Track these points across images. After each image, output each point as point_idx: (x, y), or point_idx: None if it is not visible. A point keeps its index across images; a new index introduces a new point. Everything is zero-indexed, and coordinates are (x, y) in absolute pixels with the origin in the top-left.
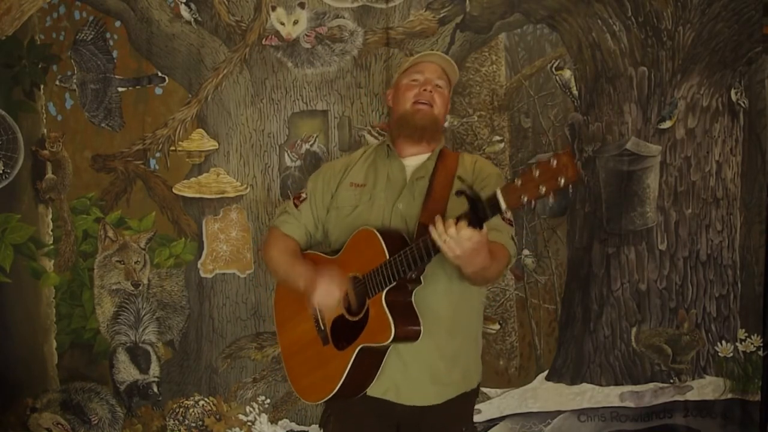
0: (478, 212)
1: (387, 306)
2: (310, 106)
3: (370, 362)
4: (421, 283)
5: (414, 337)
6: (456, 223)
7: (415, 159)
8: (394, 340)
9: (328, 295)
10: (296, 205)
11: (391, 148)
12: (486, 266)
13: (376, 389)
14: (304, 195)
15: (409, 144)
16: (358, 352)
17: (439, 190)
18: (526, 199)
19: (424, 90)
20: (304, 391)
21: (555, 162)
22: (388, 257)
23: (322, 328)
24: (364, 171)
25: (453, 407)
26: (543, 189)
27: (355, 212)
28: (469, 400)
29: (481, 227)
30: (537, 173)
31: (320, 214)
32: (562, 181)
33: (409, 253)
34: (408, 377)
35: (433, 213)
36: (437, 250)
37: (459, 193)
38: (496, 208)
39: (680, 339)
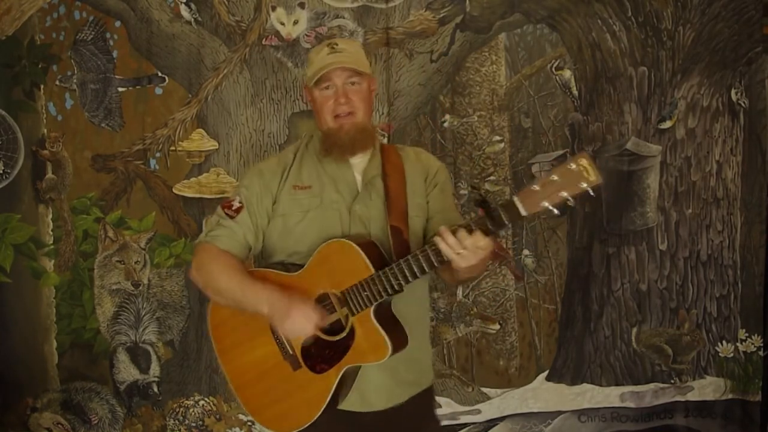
0: (495, 220)
1: (378, 322)
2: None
3: (350, 379)
4: (402, 291)
5: (404, 346)
6: (470, 233)
7: (357, 157)
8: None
9: (305, 324)
10: (231, 216)
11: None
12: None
13: (344, 402)
14: (237, 203)
15: (346, 153)
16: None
17: (396, 188)
18: (547, 204)
19: (340, 103)
20: (273, 421)
21: (574, 165)
22: (373, 271)
23: (291, 352)
24: (307, 171)
25: (416, 405)
26: (564, 194)
27: (308, 218)
28: (430, 396)
29: (496, 235)
30: (556, 177)
31: (262, 222)
32: (585, 185)
33: (404, 265)
34: (372, 383)
35: (399, 214)
36: (442, 260)
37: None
38: (514, 216)
39: (681, 339)
